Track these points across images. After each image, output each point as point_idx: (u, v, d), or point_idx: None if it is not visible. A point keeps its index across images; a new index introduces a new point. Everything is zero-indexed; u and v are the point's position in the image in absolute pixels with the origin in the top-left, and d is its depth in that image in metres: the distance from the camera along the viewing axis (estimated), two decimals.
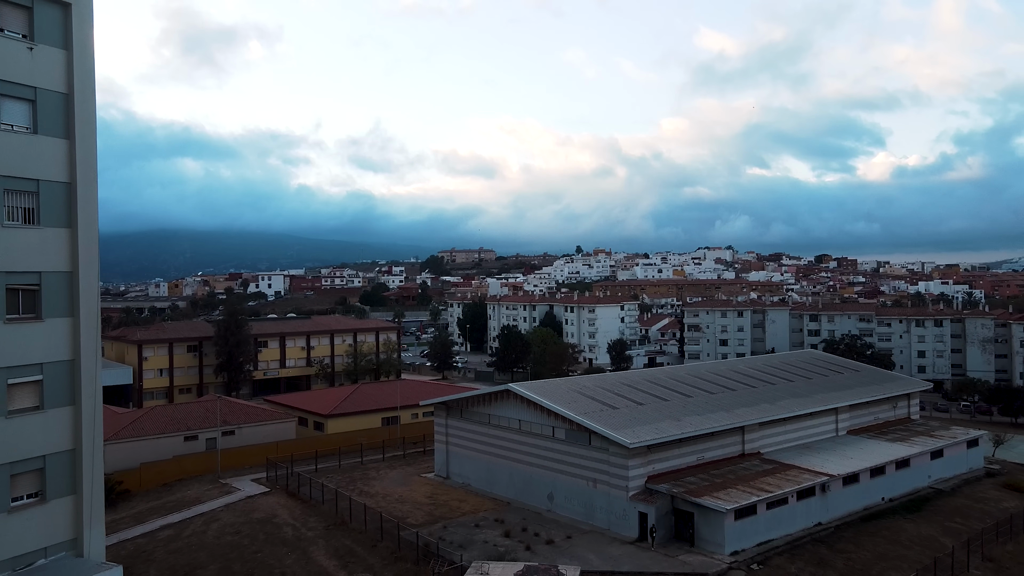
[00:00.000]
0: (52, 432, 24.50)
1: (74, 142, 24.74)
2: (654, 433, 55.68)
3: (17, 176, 23.39)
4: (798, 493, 55.10)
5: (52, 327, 24.45)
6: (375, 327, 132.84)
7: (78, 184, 24.72)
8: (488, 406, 65.37)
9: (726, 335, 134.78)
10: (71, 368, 24.98)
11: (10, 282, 23.35)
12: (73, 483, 24.92)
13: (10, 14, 23.34)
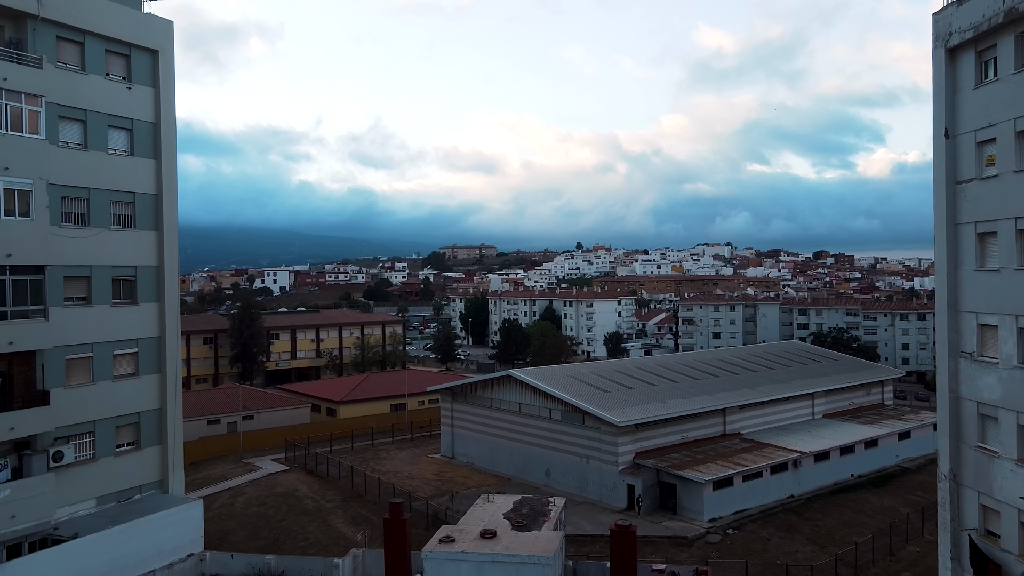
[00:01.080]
0: (145, 394, 30.72)
1: (160, 162, 30.88)
2: (642, 413, 61.90)
3: (120, 190, 29.53)
4: (772, 468, 61.29)
5: (144, 310, 30.66)
6: (381, 321, 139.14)
7: (163, 195, 30.92)
8: (490, 391, 71.60)
9: (719, 328, 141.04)
10: (159, 343, 31.20)
11: (114, 274, 29.54)
12: (160, 435, 31.14)
13: (113, 61, 29.52)
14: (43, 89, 26.33)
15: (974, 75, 24.56)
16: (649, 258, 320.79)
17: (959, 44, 24.83)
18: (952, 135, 25.41)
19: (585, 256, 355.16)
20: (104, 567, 25.68)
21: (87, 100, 28.43)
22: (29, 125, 25.87)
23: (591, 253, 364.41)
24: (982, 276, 24.44)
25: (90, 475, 28.69)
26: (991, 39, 23.65)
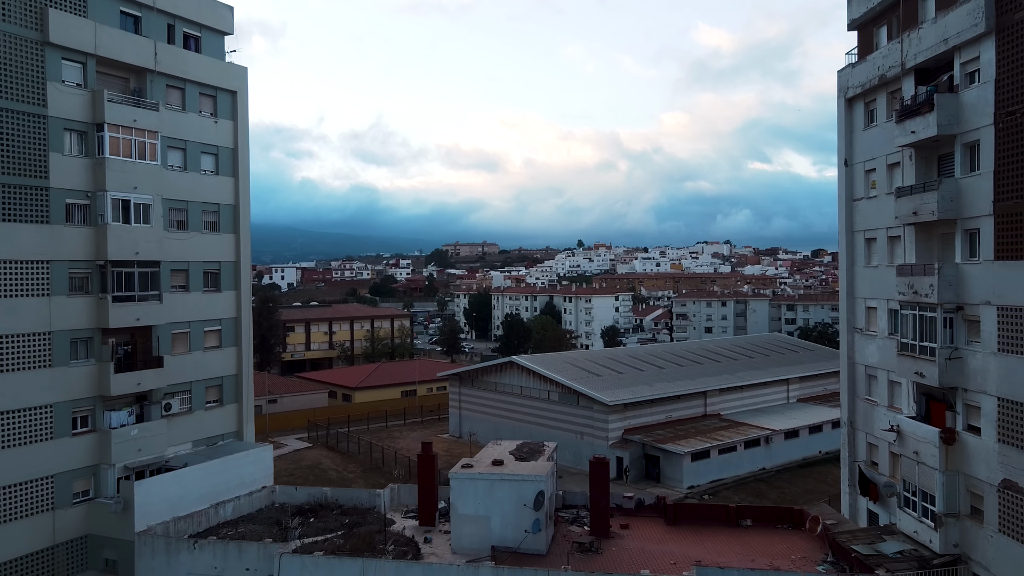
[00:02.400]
0: (226, 363, 39.20)
1: (237, 179, 39.31)
2: (630, 395, 70.52)
3: (209, 202, 37.99)
4: (746, 443, 69.84)
5: (226, 296, 39.14)
6: (390, 315, 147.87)
7: (240, 206, 39.43)
8: (495, 375, 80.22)
9: (711, 323, 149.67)
10: (236, 323, 39.67)
11: (205, 268, 37.98)
12: (236, 395, 39.63)
13: (204, 101, 37.97)
14: (158, 126, 34.86)
15: (863, 120, 33.08)
16: (649, 256, 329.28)
17: (853, 96, 33.36)
18: (850, 164, 33.95)
19: (586, 254, 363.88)
20: (204, 490, 34.15)
21: (186, 133, 36.96)
22: (149, 154, 34.41)
23: (592, 251, 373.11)
24: (868, 271, 32.99)
25: (188, 423, 37.29)
26: (873, 94, 32.17)
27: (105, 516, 32.42)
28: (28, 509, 30.75)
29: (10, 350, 30.05)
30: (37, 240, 30.84)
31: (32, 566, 30.86)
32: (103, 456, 33.15)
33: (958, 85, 26.58)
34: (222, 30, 38.86)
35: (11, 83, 29.91)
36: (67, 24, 31.46)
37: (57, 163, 31.50)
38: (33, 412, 30.83)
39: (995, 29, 24.49)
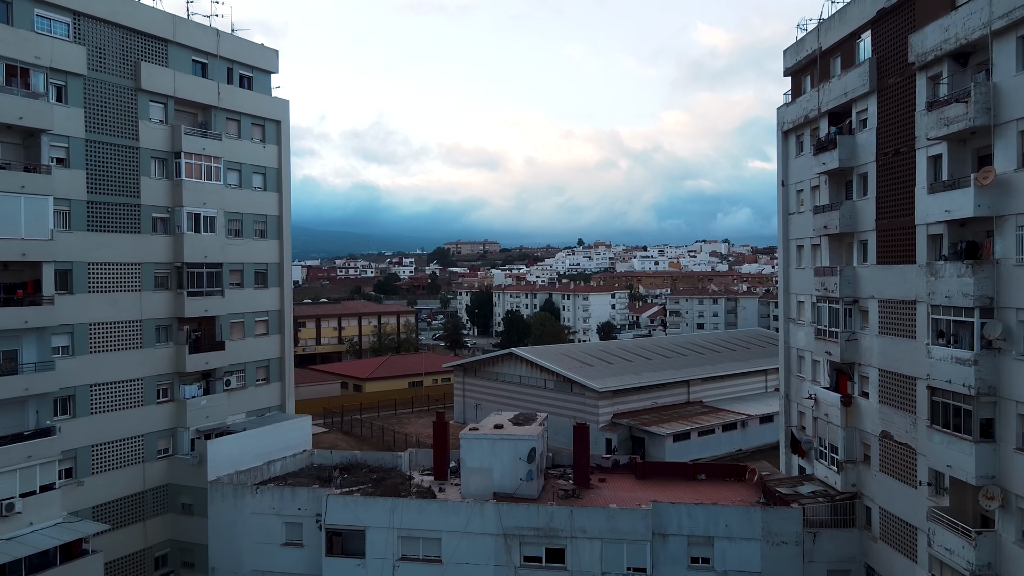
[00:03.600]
0: (271, 347, 47.37)
1: (281, 194, 47.51)
2: (618, 382, 78.70)
3: (258, 213, 46.19)
4: (723, 426, 78.07)
5: (271, 292, 47.31)
6: (396, 311, 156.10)
7: (283, 216, 47.61)
8: (496, 366, 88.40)
9: (703, 320, 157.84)
10: (279, 314, 47.86)
11: (255, 269, 46.14)
12: (280, 375, 47.85)
13: (255, 129, 46.10)
14: (221, 152, 43.02)
15: (795, 150, 41.22)
16: (647, 255, 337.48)
17: (787, 130, 41.51)
18: (786, 185, 42.10)
19: (586, 252, 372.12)
20: (258, 450, 42.23)
21: (241, 156, 45.10)
22: (214, 175, 42.59)
23: (592, 249, 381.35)
24: (798, 272, 41.14)
25: (242, 397, 45.47)
26: (801, 129, 40.31)
27: (182, 468, 40.67)
28: (126, 461, 39.02)
29: (113, 334, 38.29)
30: (132, 247, 39.06)
31: (129, 507, 39.12)
32: (179, 421, 41.43)
33: (854, 129, 34.72)
34: (269, 70, 47.06)
35: (114, 122, 38.10)
36: (154, 73, 39.66)
37: (146, 185, 39.72)
38: (129, 384, 39.10)
39: (876, 89, 32.61)
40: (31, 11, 34.39)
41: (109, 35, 37.85)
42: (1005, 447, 24.91)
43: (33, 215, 33.76)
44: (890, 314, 31.96)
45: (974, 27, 25.64)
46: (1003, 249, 25.01)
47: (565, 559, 35.41)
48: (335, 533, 37.32)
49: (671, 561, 34.95)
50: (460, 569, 36.12)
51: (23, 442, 33.42)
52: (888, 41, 31.80)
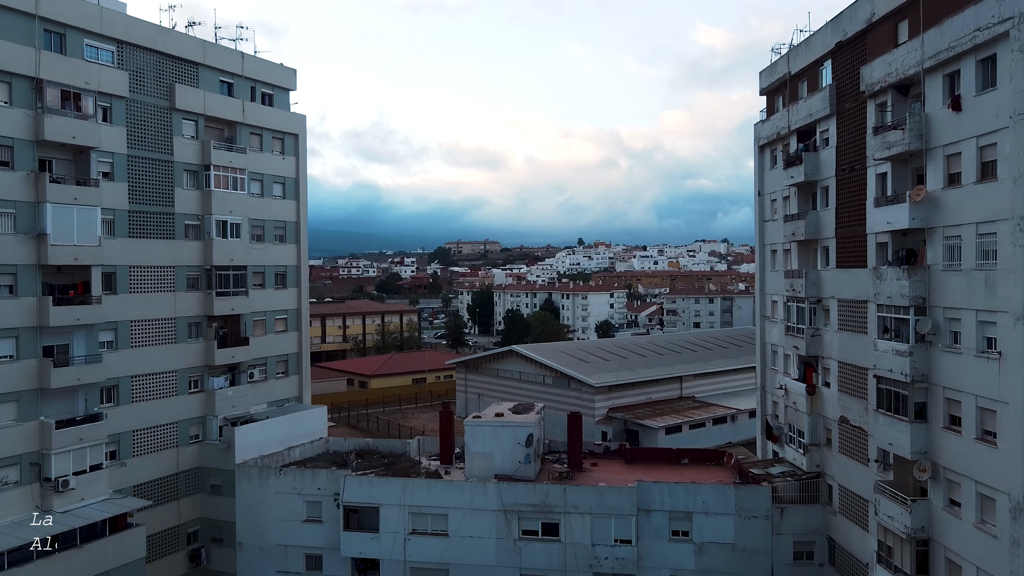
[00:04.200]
0: (289, 343, 51.59)
1: (298, 202, 51.72)
2: (614, 378, 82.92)
3: (278, 220, 50.41)
4: (714, 420, 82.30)
5: (290, 292, 51.53)
6: (399, 310, 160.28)
7: (300, 222, 51.82)
8: (497, 363, 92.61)
9: (699, 319, 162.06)
10: (297, 313, 52.08)
11: (275, 271, 50.44)
12: (297, 368, 52.11)
13: (275, 143, 50.33)
14: (245, 165, 47.24)
15: (769, 162, 45.42)
16: (647, 254, 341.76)
17: (763, 144, 45.71)
18: (762, 195, 46.30)
19: (586, 252, 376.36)
20: (280, 436, 46.40)
21: (263, 167, 49.32)
22: (240, 186, 46.83)
23: (591, 249, 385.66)
24: (772, 274, 45.36)
25: (264, 388, 49.70)
26: (774, 145, 44.51)
27: (212, 453, 44.94)
28: (162, 445, 43.32)
29: (151, 331, 42.57)
30: (167, 251, 43.32)
31: (165, 486, 43.41)
32: (209, 409, 45.71)
33: (818, 146, 38.92)
34: (287, 87, 51.29)
35: (152, 139, 42.36)
36: (186, 94, 43.91)
37: (179, 195, 43.98)
38: (165, 375, 43.38)
39: (836, 112, 36.81)
40: (81, 41, 38.62)
41: (148, 60, 42.10)
42: (935, 426, 29.10)
43: (84, 224, 38.01)
44: (847, 312, 36.16)
45: (910, 64, 29.83)
46: (933, 256, 29.21)
47: (559, 532, 39.64)
48: (352, 510, 41.54)
49: (654, 534, 39.16)
50: (465, 542, 40.35)
51: (76, 426, 37.68)
52: (845, 70, 36.00)
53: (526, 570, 39.89)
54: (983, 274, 26.23)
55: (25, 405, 36.41)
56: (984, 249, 26.37)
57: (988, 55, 25.93)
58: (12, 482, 35.93)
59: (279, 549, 42.50)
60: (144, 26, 41.76)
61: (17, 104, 35.86)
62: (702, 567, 38.85)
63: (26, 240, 36.28)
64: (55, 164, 38.04)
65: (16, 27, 35.74)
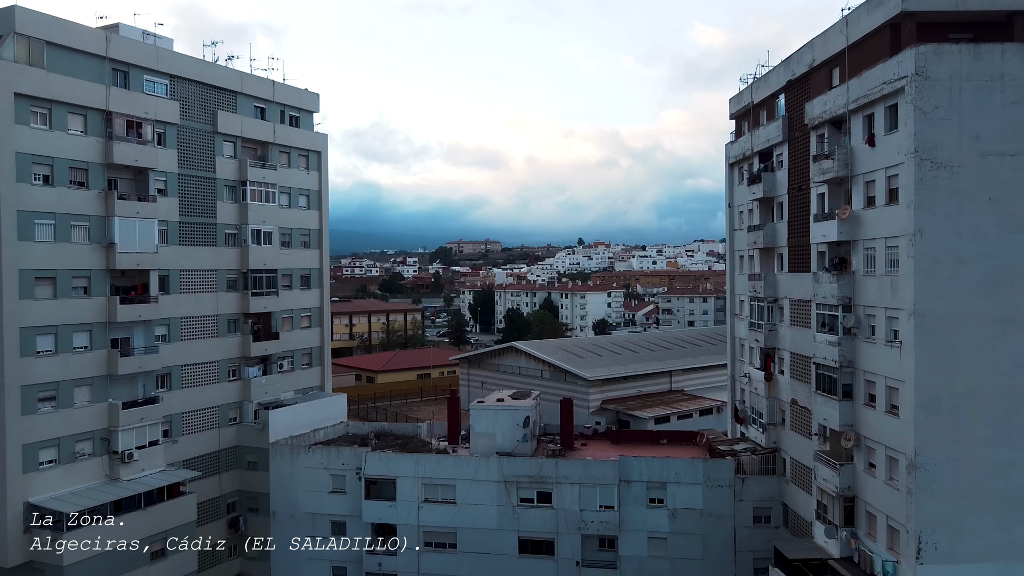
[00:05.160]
0: (313, 337, 58.35)
1: (321, 211, 58.49)
2: (607, 372, 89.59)
3: (303, 228, 57.15)
4: (700, 411, 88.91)
5: (313, 292, 58.15)
6: (403, 309, 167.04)
7: (322, 229, 58.57)
8: (497, 358, 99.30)
9: (693, 317, 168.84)
10: (319, 311, 58.88)
11: (300, 273, 57.12)
12: (320, 360, 58.90)
13: (300, 159, 57.06)
14: (276, 180, 53.95)
15: (737, 178, 52.04)
16: (646, 254, 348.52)
17: (732, 163, 52.36)
18: (731, 206, 52.93)
19: (585, 252, 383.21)
20: (307, 419, 53.04)
21: (290, 181, 56.02)
22: (271, 199, 53.54)
23: (591, 249, 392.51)
24: (739, 276, 51.91)
25: (291, 378, 56.43)
26: (741, 163, 51.16)
27: (249, 433, 51.68)
28: (206, 425, 50.08)
29: (197, 326, 49.29)
30: (210, 257, 50.05)
31: (208, 462, 50.18)
32: (245, 395, 52.46)
33: (775, 167, 45.57)
34: (312, 110, 58.07)
35: (198, 159, 49.10)
36: (227, 119, 50.64)
37: (220, 208, 50.71)
38: (209, 365, 50.15)
39: (787, 139, 43.45)
40: (142, 77, 45.34)
41: (195, 91, 48.84)
42: (858, 403, 35.74)
43: (144, 234, 44.75)
44: (796, 310, 42.81)
45: (840, 105, 36.45)
46: (857, 264, 35.86)
47: (552, 500, 46.29)
48: (372, 482, 48.19)
49: (634, 501, 45.79)
50: (470, 509, 47.00)
51: (137, 407, 44.44)
52: (794, 104, 42.64)
53: (524, 532, 46.57)
54: (889, 279, 32.90)
55: (97, 389, 43.17)
56: (891, 259, 33.04)
57: (893, 103, 32.58)
58: (87, 454, 42.68)
59: (308, 517, 49.13)
60: (192, 62, 48.50)
61: (91, 133, 42.61)
62: (675, 529, 45.48)
63: (98, 248, 43.03)
64: (119, 183, 44.74)
65: (90, 68, 42.44)
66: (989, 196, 30.55)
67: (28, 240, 39.72)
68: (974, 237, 30.63)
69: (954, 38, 32.38)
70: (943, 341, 30.75)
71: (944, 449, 30.82)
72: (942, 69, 30.46)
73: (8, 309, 38.69)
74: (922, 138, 30.62)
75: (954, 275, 30.69)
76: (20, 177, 39.17)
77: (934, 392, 30.84)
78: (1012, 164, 30.47)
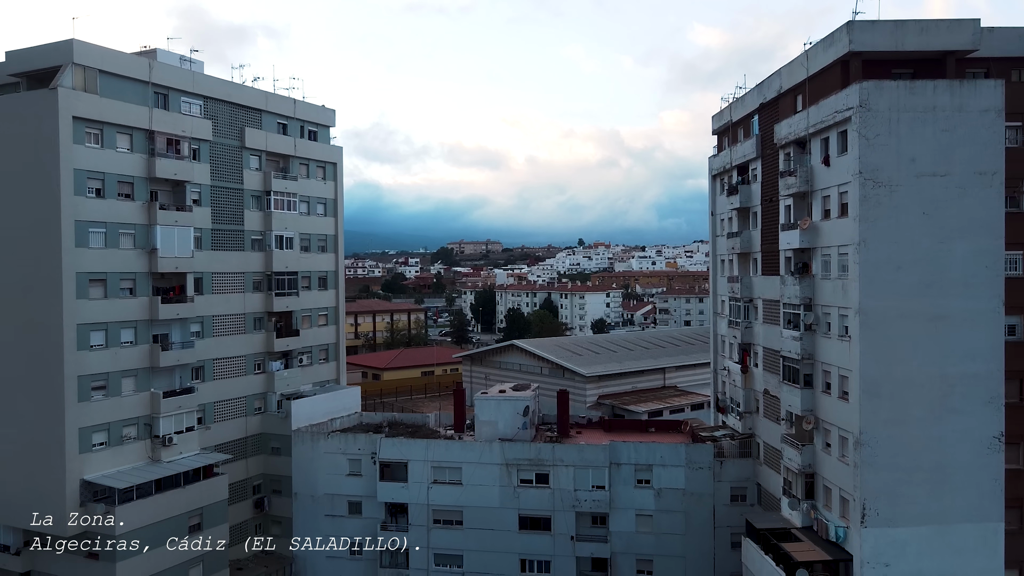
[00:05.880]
0: (330, 335, 63.62)
1: (336, 219, 63.73)
2: (603, 369, 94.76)
3: (320, 234, 62.39)
4: (692, 406, 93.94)
5: (330, 293, 63.50)
6: (407, 309, 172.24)
7: (337, 235, 63.80)
8: (499, 356, 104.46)
9: (689, 317, 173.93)
10: (335, 310, 64.17)
11: (318, 275, 62.38)
12: (336, 355, 64.12)
13: (317, 170, 62.30)
14: (297, 190, 59.20)
15: (720, 189, 57.23)
16: (645, 254, 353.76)
17: (715, 175, 57.56)
18: (714, 214, 58.10)
19: (586, 252, 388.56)
20: (325, 409, 58.24)
21: (309, 191, 61.25)
22: (292, 207, 58.81)
23: (591, 249, 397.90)
24: (721, 279, 57.10)
25: (310, 371, 61.67)
26: (723, 175, 56.38)
27: (273, 421, 56.93)
28: (235, 414, 55.37)
29: (227, 324, 54.55)
30: (238, 261, 55.30)
31: (237, 447, 55.48)
32: (269, 387, 57.72)
33: (750, 180, 50.78)
34: (328, 125, 63.38)
35: (227, 172, 54.35)
36: (253, 135, 55.91)
37: (247, 216, 55.98)
38: (238, 359, 55.43)
39: (761, 156, 48.65)
40: (179, 99, 50.62)
41: (225, 110, 54.12)
42: (817, 391, 40.94)
43: (182, 240, 50.00)
44: (768, 309, 48.00)
45: (802, 128, 41.64)
46: (816, 268, 41.07)
47: (549, 480, 51.49)
48: (385, 465, 53.38)
49: (623, 482, 50.97)
50: (475, 489, 52.20)
51: (176, 396, 49.68)
52: (767, 124, 47.86)
53: (523, 510, 51.78)
54: (841, 282, 38.11)
55: (141, 379, 48.44)
56: (842, 264, 38.25)
57: (843, 129, 37.79)
58: (133, 437, 47.97)
59: (327, 497, 54.32)
60: (223, 84, 53.77)
61: (136, 150, 47.89)
62: (660, 507, 50.68)
63: (142, 254, 48.29)
64: (159, 194, 49.96)
65: (135, 92, 47.72)
66: (923, 211, 35.75)
67: (83, 247, 44.96)
68: (910, 246, 35.84)
69: (897, 73, 37.67)
70: (884, 335, 35.97)
71: (885, 428, 36.04)
72: (882, 102, 35.67)
73: (67, 308, 43.94)
74: (865, 161, 35.83)
75: (893, 279, 35.90)
76: (77, 191, 44.41)
77: (876, 379, 36.05)
78: (942, 183, 35.67)
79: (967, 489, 35.95)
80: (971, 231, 35.71)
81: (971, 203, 35.67)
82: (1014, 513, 36.84)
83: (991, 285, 35.79)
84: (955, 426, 35.88)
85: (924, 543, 35.98)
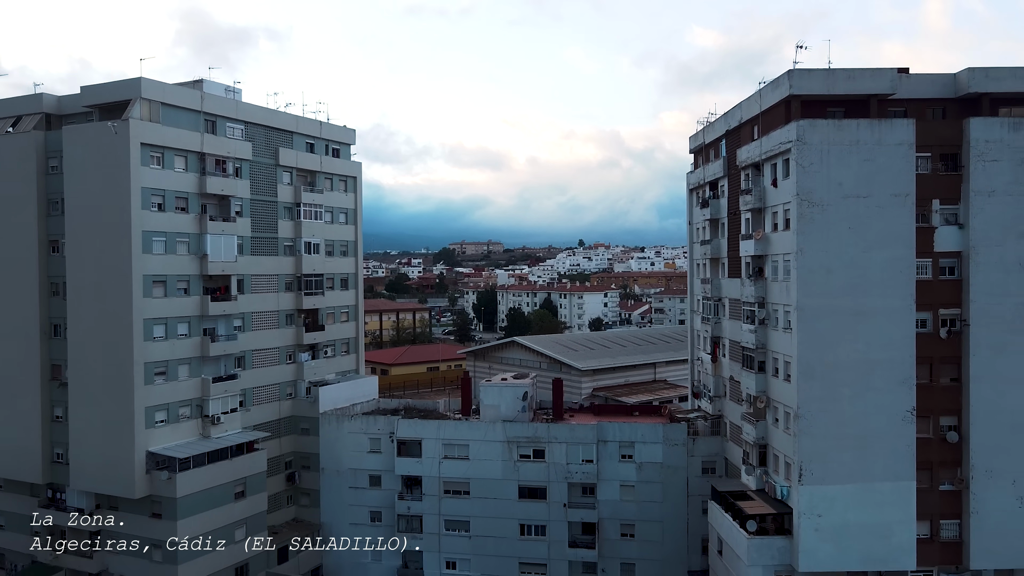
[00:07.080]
0: (350, 330, 71.91)
1: (356, 226, 72.13)
2: (598, 363, 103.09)
3: (342, 240, 70.79)
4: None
5: (350, 293, 71.90)
6: (412, 308, 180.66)
7: (357, 240, 72.17)
8: (501, 351, 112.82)
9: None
10: (355, 308, 72.54)
11: (340, 277, 70.75)
12: (356, 348, 72.50)
13: (339, 183, 70.71)
14: (322, 201, 67.60)
15: (696, 202, 65.54)
16: (644, 255, 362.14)
17: (692, 188, 65.90)
18: (691, 224, 66.41)
19: (585, 253, 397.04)
20: (347, 395, 66.53)
21: (333, 202, 69.63)
22: (318, 217, 67.17)
23: (591, 250, 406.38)
24: (696, 281, 65.42)
25: (333, 362, 70.07)
26: (699, 190, 64.71)
27: (302, 405, 65.35)
28: (270, 399, 63.81)
29: (264, 320, 62.98)
30: (273, 264, 63.74)
31: (272, 427, 63.99)
32: (299, 375, 66.17)
33: (720, 195, 59.11)
34: (349, 143, 71.82)
35: (264, 187, 62.82)
36: (285, 154, 64.36)
37: (281, 225, 64.44)
38: (272, 351, 63.91)
39: (727, 175, 56.98)
40: (225, 124, 59.07)
41: (262, 133, 62.54)
42: (768, 375, 49.27)
43: (227, 247, 58.40)
44: (733, 307, 56.35)
45: (757, 154, 49.96)
46: (768, 272, 49.41)
47: (545, 455, 59.81)
48: (402, 443, 61.70)
49: (609, 457, 59.27)
50: (480, 463, 60.53)
51: (222, 382, 58.09)
52: (731, 148, 56.18)
53: (522, 481, 60.13)
54: (785, 283, 46.46)
55: (193, 366, 56.88)
56: (786, 269, 46.60)
57: (786, 158, 46.11)
58: (187, 416, 56.38)
59: (351, 472, 62.65)
60: (260, 110, 62.21)
61: (190, 170, 56.30)
62: (641, 478, 58.97)
63: (195, 259, 56.71)
64: (208, 207, 58.34)
65: (189, 120, 56.18)
66: (849, 226, 44.09)
67: (148, 253, 53.40)
68: (838, 254, 44.17)
69: (831, 111, 46.05)
70: (817, 328, 44.31)
71: (818, 404, 44.38)
72: (815, 136, 44.01)
73: (136, 305, 52.40)
74: (802, 184, 44.17)
75: (825, 281, 44.24)
76: (144, 206, 52.89)
77: (811, 363, 44.39)
78: (865, 204, 43.99)
79: (885, 454, 44.26)
80: (888, 242, 44.03)
81: (888, 219, 44.00)
82: (924, 474, 45.05)
83: (904, 286, 44.13)
84: (875, 402, 44.20)
85: (850, 498, 44.30)
